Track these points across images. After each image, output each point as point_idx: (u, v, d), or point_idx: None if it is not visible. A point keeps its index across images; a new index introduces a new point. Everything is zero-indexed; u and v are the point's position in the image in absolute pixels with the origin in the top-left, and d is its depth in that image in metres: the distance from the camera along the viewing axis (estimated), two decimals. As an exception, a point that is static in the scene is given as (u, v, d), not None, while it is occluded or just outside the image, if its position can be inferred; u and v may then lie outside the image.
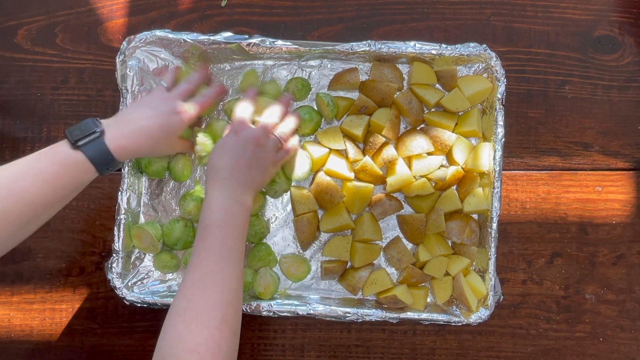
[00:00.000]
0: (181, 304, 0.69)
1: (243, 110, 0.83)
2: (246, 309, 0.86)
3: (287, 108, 0.86)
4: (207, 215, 0.74)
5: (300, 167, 0.87)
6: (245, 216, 0.76)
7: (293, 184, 0.90)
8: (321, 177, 0.88)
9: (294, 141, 0.85)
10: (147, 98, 0.81)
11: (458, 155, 0.89)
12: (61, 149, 0.73)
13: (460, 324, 0.86)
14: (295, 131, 0.86)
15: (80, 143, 0.72)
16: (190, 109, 0.80)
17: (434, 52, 0.87)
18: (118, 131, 0.75)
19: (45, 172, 0.71)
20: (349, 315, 0.86)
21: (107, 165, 0.74)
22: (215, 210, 0.74)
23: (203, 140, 0.86)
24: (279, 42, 0.87)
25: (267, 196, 0.91)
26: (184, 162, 0.89)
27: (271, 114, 0.83)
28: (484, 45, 0.87)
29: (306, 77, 0.92)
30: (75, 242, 0.92)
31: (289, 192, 0.91)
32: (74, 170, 0.72)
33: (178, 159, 0.89)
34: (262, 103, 0.85)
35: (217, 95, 0.86)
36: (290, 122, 0.85)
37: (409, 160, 0.90)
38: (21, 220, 0.70)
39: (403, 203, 0.91)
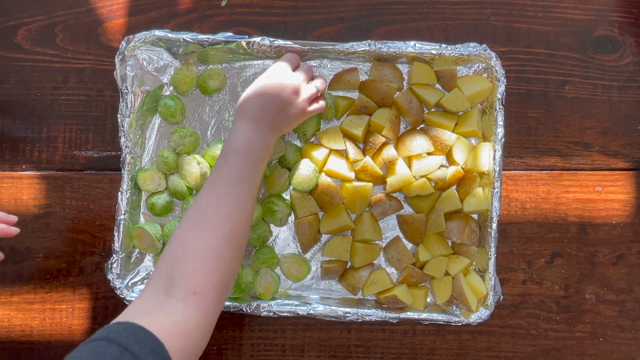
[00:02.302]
0: (193, 213, 0.72)
1: (289, 57, 0.84)
2: (246, 309, 0.86)
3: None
4: (229, 142, 0.77)
5: (308, 179, 0.87)
6: (265, 152, 0.78)
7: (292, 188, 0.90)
8: (321, 178, 0.88)
9: (323, 100, 0.86)
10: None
11: (458, 155, 0.89)
12: None
13: (460, 324, 0.86)
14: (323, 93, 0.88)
15: None
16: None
17: (434, 52, 0.87)
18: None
19: None
20: (349, 315, 0.86)
21: None
22: (238, 140, 0.76)
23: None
24: (279, 42, 0.87)
25: (271, 223, 0.91)
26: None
27: (307, 68, 0.85)
28: (484, 45, 0.87)
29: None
30: (75, 242, 0.92)
31: (289, 192, 0.91)
32: None
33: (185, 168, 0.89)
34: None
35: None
36: (321, 79, 0.86)
37: (409, 160, 0.90)
38: None
39: (403, 203, 0.91)
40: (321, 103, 0.85)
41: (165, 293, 0.66)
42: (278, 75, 0.80)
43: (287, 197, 0.91)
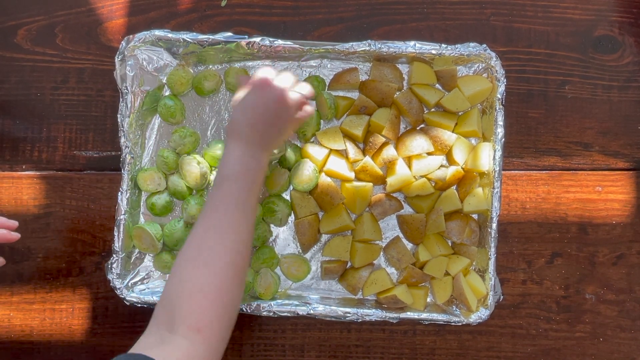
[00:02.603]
0: (191, 249, 0.71)
1: (266, 70, 0.79)
2: (246, 309, 0.86)
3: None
4: (224, 166, 0.75)
5: (308, 179, 0.87)
6: (260, 173, 0.77)
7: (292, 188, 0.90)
8: (321, 178, 0.88)
9: (310, 106, 0.83)
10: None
11: (458, 155, 0.89)
12: None
13: (460, 324, 0.86)
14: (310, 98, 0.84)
15: None
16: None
17: (434, 52, 0.87)
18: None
19: None
20: (349, 315, 0.86)
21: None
22: (233, 163, 0.75)
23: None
24: (279, 42, 0.87)
25: (272, 224, 0.91)
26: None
27: (288, 76, 0.80)
28: (484, 45, 0.87)
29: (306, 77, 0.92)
30: (75, 242, 0.92)
31: (289, 192, 0.91)
32: None
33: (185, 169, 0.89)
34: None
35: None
36: (306, 85, 0.82)
37: (409, 160, 0.90)
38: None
39: (403, 203, 0.91)
40: (307, 109, 0.81)
41: (168, 330, 0.66)
42: (262, 89, 0.77)
43: (287, 197, 0.91)
